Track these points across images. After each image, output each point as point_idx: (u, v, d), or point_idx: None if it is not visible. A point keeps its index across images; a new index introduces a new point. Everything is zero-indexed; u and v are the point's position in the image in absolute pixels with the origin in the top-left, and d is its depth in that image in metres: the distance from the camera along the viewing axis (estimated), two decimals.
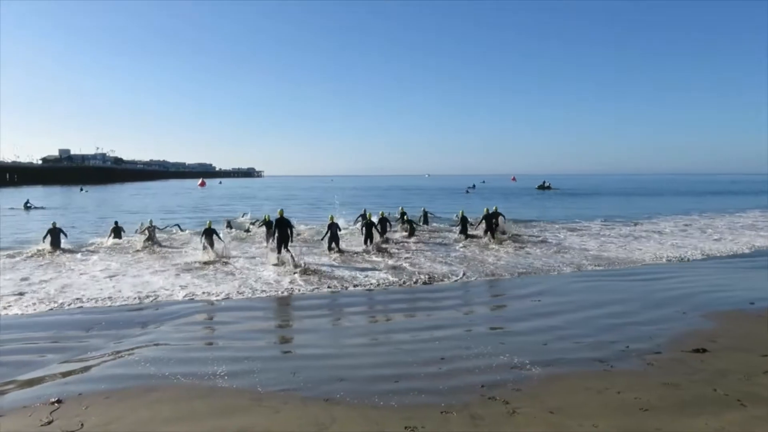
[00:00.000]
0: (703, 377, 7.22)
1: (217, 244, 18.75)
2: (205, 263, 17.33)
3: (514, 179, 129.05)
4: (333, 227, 19.60)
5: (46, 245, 20.21)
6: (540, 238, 23.97)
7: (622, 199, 64.72)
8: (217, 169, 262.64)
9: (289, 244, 17.16)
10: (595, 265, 17.34)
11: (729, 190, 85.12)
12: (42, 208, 44.46)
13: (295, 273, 15.39)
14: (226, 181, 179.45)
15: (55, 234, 20.61)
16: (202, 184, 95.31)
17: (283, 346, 9.30)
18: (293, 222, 19.91)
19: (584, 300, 12.43)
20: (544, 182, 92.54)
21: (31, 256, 19.24)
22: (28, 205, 43.92)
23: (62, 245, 20.69)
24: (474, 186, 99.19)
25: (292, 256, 16.64)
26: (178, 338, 9.64)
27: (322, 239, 20.13)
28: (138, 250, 20.61)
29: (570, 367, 7.80)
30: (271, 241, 17.72)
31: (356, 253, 19.49)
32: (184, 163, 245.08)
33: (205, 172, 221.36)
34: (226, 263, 17.37)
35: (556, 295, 12.98)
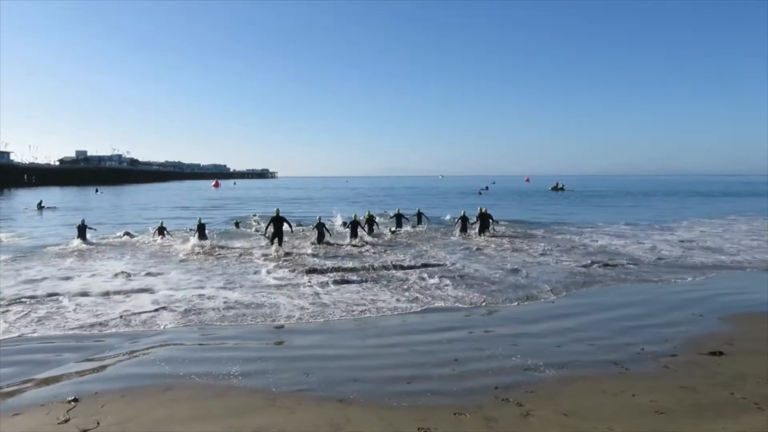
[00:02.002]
0: (720, 380, 7.14)
1: (207, 239, 21.82)
2: (202, 254, 19.50)
3: (527, 180, 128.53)
4: (320, 227, 22.46)
5: (76, 241, 22.18)
6: (587, 244, 22.22)
7: (637, 199, 63.86)
8: (231, 170, 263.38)
9: (284, 238, 20.19)
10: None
11: (749, 192, 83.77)
12: (54, 208, 45.27)
13: (293, 268, 16.28)
14: (240, 182, 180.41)
15: (82, 230, 22.75)
16: (217, 185, 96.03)
17: (296, 347, 9.28)
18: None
19: (598, 302, 12.35)
20: (557, 183, 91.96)
21: (53, 254, 19.83)
22: (41, 205, 44.74)
23: (88, 238, 22.75)
24: (487, 188, 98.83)
25: (283, 250, 19.52)
26: (192, 338, 9.72)
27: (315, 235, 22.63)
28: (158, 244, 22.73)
29: (584, 369, 7.76)
30: (267, 236, 20.63)
31: (341, 246, 21.56)
32: (199, 164, 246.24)
33: (219, 173, 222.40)
34: (227, 260, 17.67)
35: (569, 297, 12.90)
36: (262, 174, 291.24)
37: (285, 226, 20.68)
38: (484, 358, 8.27)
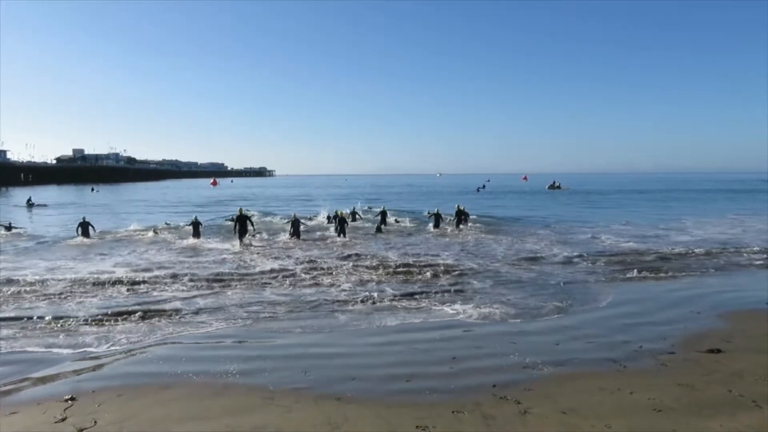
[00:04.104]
0: (717, 378, 7.15)
1: (201, 235, 23.34)
2: (195, 249, 20.81)
3: (525, 178, 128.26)
4: (296, 223, 23.90)
5: (78, 236, 23.27)
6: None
7: (636, 198, 63.70)
8: (229, 168, 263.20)
9: (247, 234, 22.34)
10: None
11: (746, 189, 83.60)
12: (44, 205, 46.22)
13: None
14: (237, 180, 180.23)
15: (84, 227, 23.63)
16: (214, 183, 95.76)
17: (295, 345, 9.23)
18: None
19: (596, 300, 12.32)
20: (554, 182, 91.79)
21: (53, 249, 20.29)
22: (31, 202, 45.83)
23: (91, 235, 23.71)
24: (484, 186, 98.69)
25: (248, 242, 21.79)
26: (189, 336, 9.69)
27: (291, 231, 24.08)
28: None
29: (583, 367, 7.75)
30: (235, 231, 22.41)
31: (320, 240, 23.29)
32: (197, 163, 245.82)
33: (217, 171, 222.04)
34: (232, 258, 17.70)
35: (567, 295, 12.87)
36: (260, 172, 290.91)
37: (249, 225, 23.11)
38: (483, 357, 8.26)
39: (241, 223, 22.15)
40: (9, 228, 25.51)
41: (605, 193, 77.83)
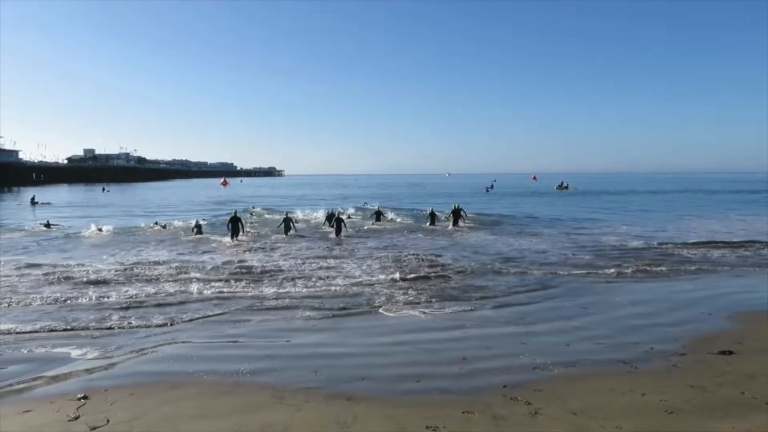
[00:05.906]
0: (729, 380, 7.10)
1: (203, 232, 26.05)
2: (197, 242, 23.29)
3: (534, 178, 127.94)
4: (287, 221, 26.04)
5: (93, 229, 25.89)
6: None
7: (644, 198, 63.16)
8: (238, 168, 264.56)
9: (240, 233, 24.29)
10: None
11: (748, 189, 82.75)
12: (48, 204, 47.99)
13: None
14: (247, 180, 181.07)
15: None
16: (224, 183, 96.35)
17: (305, 344, 9.24)
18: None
19: (605, 300, 12.26)
20: (562, 182, 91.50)
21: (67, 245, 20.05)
22: (35, 201, 47.89)
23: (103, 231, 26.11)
24: (492, 186, 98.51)
25: (240, 240, 23.78)
26: (200, 336, 9.73)
27: (278, 227, 26.28)
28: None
29: (593, 368, 7.73)
30: (228, 229, 24.59)
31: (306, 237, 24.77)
32: (206, 163, 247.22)
33: (226, 171, 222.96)
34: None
35: (577, 296, 12.82)
36: (270, 172, 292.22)
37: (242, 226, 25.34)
38: (492, 357, 8.25)
39: (234, 223, 24.38)
40: (48, 225, 27.55)
41: (613, 193, 77.32)
